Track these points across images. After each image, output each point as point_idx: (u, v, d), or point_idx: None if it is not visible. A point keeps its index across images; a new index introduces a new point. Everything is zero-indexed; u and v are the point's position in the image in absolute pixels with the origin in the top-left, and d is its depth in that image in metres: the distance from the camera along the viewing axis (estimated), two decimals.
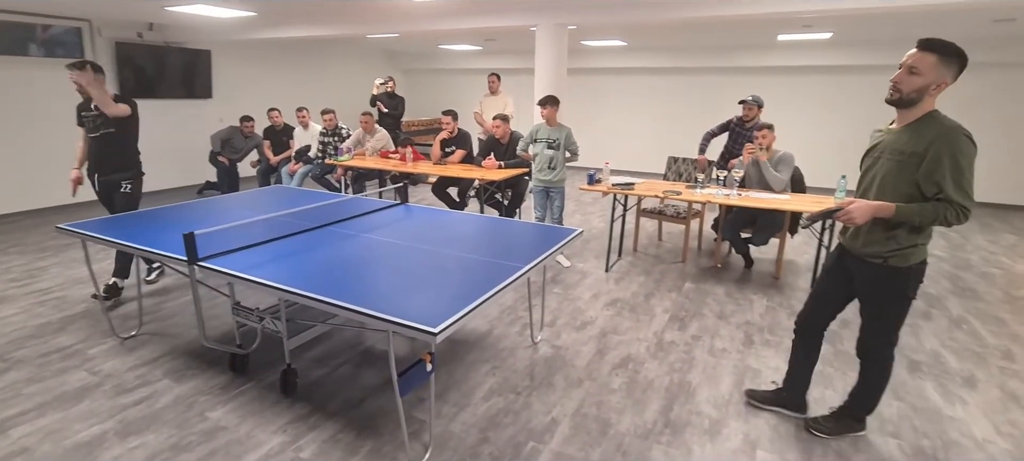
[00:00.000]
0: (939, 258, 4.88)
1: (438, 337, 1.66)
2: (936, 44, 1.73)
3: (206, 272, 2.31)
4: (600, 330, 3.29)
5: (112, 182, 3.57)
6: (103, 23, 6.18)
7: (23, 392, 2.53)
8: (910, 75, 1.76)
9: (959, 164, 1.71)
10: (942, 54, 1.72)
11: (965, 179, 1.72)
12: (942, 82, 1.74)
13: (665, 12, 4.23)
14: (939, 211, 1.74)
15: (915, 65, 1.75)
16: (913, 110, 1.82)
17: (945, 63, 1.73)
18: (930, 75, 1.73)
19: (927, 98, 1.78)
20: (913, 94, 1.77)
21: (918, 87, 1.75)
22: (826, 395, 2.63)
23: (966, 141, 1.72)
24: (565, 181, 4.39)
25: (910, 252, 1.90)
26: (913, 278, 1.95)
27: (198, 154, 7.20)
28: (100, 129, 3.47)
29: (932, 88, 1.75)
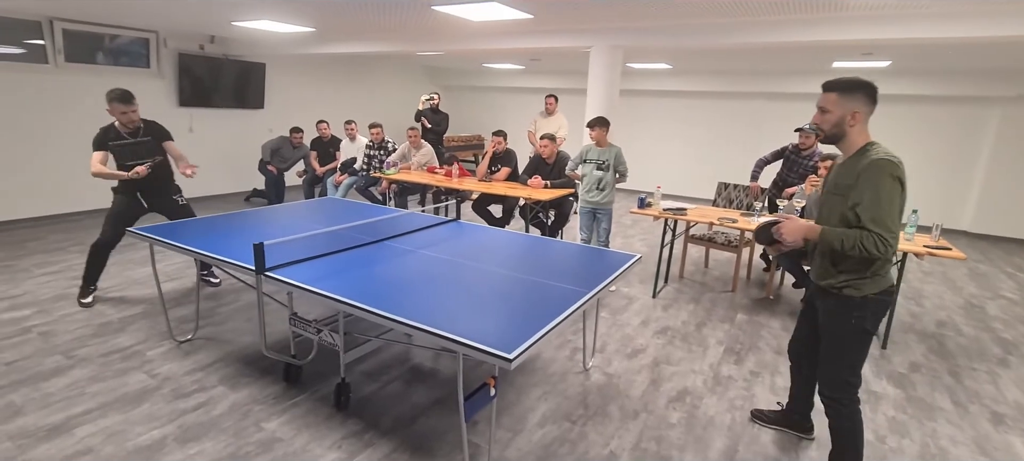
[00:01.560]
0: (1011, 301, 4.59)
1: (513, 364, 1.61)
2: (834, 83, 1.89)
3: (265, 282, 2.32)
4: (652, 359, 3.18)
5: (166, 200, 3.74)
6: (169, 34, 6.48)
7: (86, 391, 2.59)
8: (823, 114, 1.91)
9: (878, 195, 1.76)
10: (841, 91, 1.86)
11: (882, 210, 1.75)
12: (854, 112, 1.85)
13: (725, 37, 4.15)
14: (858, 238, 1.79)
15: (822, 105, 1.91)
16: (847, 144, 1.91)
17: (847, 97, 1.85)
18: (838, 110, 1.86)
19: (851, 130, 1.87)
20: (833, 129, 1.90)
21: (833, 122, 1.88)
22: (904, 444, 2.46)
23: (889, 176, 1.76)
24: (613, 203, 4.31)
25: (863, 283, 1.89)
26: (870, 310, 1.92)
27: (247, 162, 7.42)
28: (145, 157, 3.56)
29: (848, 119, 1.86)
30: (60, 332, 3.18)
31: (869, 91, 1.86)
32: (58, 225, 5.58)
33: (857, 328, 1.93)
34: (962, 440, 2.52)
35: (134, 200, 3.64)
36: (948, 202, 7.28)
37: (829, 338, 2.03)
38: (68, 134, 5.78)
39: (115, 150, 3.53)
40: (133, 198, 3.63)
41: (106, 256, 3.67)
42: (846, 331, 1.96)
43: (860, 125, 1.87)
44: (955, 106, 7.08)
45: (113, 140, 3.52)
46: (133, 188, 3.61)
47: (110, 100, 3.43)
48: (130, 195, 3.62)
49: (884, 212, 1.75)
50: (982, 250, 6.41)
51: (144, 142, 3.60)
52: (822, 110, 1.90)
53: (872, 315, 1.92)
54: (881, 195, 1.75)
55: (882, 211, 1.75)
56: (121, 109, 3.43)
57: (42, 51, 5.55)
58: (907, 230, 3.54)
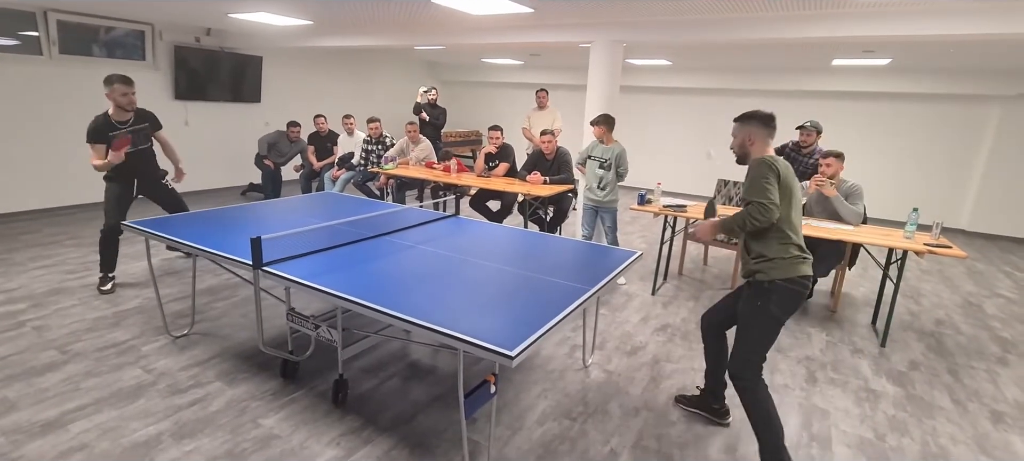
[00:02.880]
0: (1008, 300, 4.60)
1: (514, 361, 1.59)
2: (738, 116, 2.27)
3: (262, 276, 2.30)
4: (652, 356, 3.17)
5: (155, 186, 3.90)
6: (165, 27, 6.40)
7: (81, 386, 2.56)
8: (733, 138, 2.29)
9: (754, 176, 2.09)
10: (740, 121, 2.25)
11: (758, 185, 2.06)
12: (750, 136, 2.20)
13: (725, 33, 4.13)
14: (746, 211, 2.08)
15: (732, 132, 2.30)
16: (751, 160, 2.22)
17: (743, 125, 2.23)
18: (740, 135, 2.25)
19: (752, 149, 2.21)
20: (738, 151, 2.28)
21: (737, 145, 2.27)
22: (904, 443, 2.45)
23: (762, 163, 2.09)
24: (617, 202, 4.28)
25: (769, 267, 2.10)
26: (777, 295, 2.10)
27: (243, 156, 7.36)
28: (143, 143, 3.68)
29: (747, 142, 2.22)
30: (54, 327, 3.15)
31: (764, 118, 2.20)
32: (52, 218, 5.53)
33: (763, 310, 2.12)
34: (962, 438, 2.52)
35: (127, 185, 3.70)
36: (946, 200, 7.28)
37: (740, 319, 2.24)
38: (63, 127, 5.71)
39: (113, 140, 3.50)
40: (127, 185, 3.70)
41: (117, 241, 3.72)
42: (753, 312, 2.15)
43: (758, 145, 2.20)
44: (955, 104, 7.08)
45: (111, 130, 3.52)
46: (128, 176, 3.66)
47: (111, 83, 3.46)
48: (124, 183, 3.68)
49: (759, 186, 2.05)
50: (980, 248, 6.42)
51: (140, 129, 3.66)
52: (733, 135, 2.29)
53: (779, 301, 2.10)
54: (755, 175, 2.08)
55: (756, 185, 2.06)
56: (122, 90, 3.48)
57: (36, 43, 5.47)
58: (907, 228, 3.54)
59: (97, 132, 3.49)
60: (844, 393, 2.86)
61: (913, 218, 3.52)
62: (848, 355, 3.32)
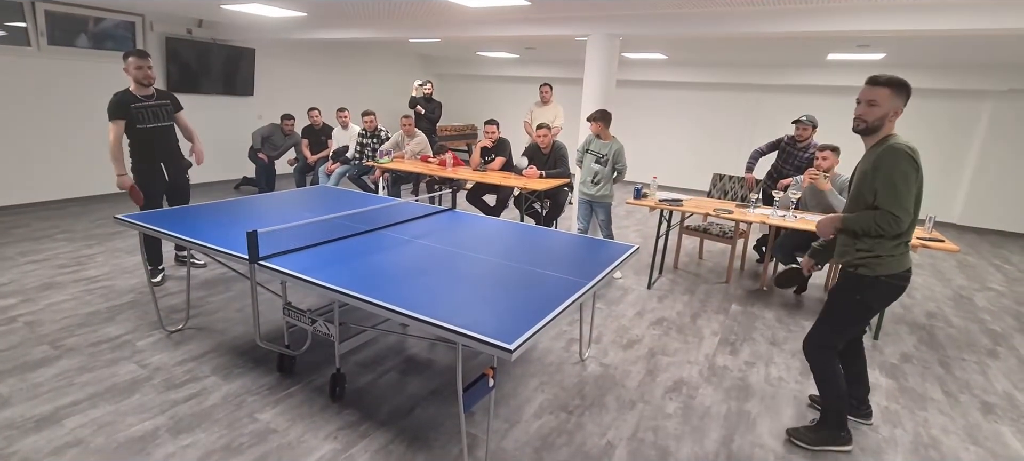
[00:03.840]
0: (999, 293, 4.65)
1: (513, 355, 1.59)
2: (889, 79, 1.97)
3: (258, 270, 2.28)
4: (648, 350, 3.19)
5: (181, 174, 3.79)
6: (156, 18, 6.32)
7: (75, 381, 2.54)
8: (871, 107, 1.98)
9: (892, 177, 1.89)
10: (894, 87, 1.96)
11: (896, 190, 1.88)
12: (897, 110, 1.97)
13: (721, 27, 4.13)
14: (873, 217, 1.93)
15: (874, 98, 1.97)
16: (875, 137, 2.02)
17: (897, 94, 1.95)
18: (887, 105, 1.96)
19: (886, 124, 1.99)
20: (877, 122, 1.98)
21: (879, 115, 1.97)
22: (896, 434, 2.48)
23: (905, 158, 1.88)
24: (611, 197, 4.28)
25: (876, 262, 2.02)
26: (879, 289, 2.06)
27: (237, 150, 7.30)
28: (165, 120, 3.63)
29: (890, 115, 1.97)
30: (46, 322, 3.12)
31: (910, 92, 1.97)
32: (42, 212, 5.46)
33: (861, 304, 2.09)
34: (953, 429, 2.55)
35: (156, 172, 3.66)
36: (938, 195, 7.35)
37: (831, 300, 2.19)
38: (52, 119, 5.64)
39: (136, 113, 3.49)
40: (155, 170, 3.65)
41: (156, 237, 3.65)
42: (849, 304, 2.11)
43: (892, 124, 2.00)
44: (947, 99, 7.13)
45: (134, 102, 3.49)
46: (154, 158, 3.62)
47: (126, 57, 3.47)
48: (151, 168, 3.63)
49: (895, 192, 1.86)
50: (971, 242, 6.49)
51: (163, 105, 3.64)
52: (871, 103, 1.97)
53: (880, 295, 2.07)
54: (894, 176, 1.87)
55: (894, 191, 1.87)
56: (136, 63, 3.47)
57: (24, 34, 5.39)
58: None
59: (119, 106, 3.45)
60: None
61: None
62: None
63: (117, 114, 3.44)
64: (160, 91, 3.67)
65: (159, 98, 3.63)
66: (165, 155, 3.68)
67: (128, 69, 3.49)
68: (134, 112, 3.49)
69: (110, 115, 3.44)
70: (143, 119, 3.53)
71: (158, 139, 3.62)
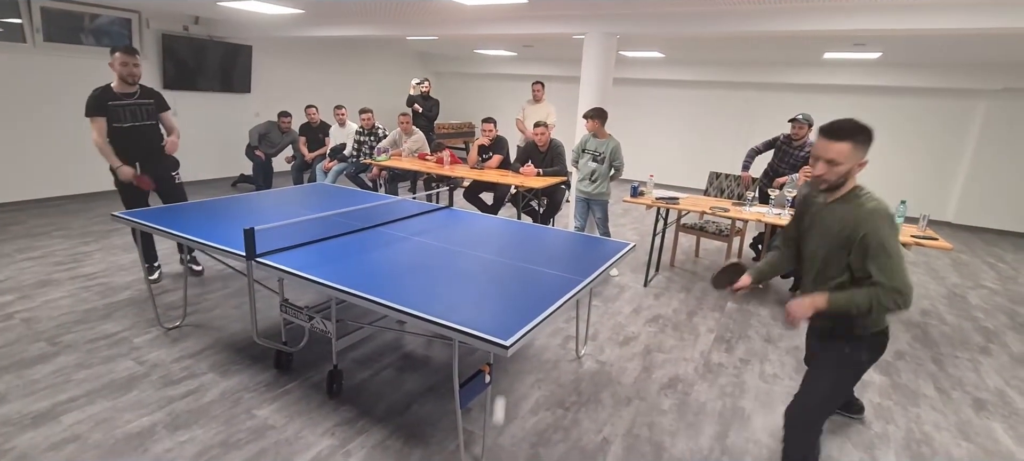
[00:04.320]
0: (992, 291, 4.69)
1: (509, 351, 1.60)
2: (850, 130, 1.68)
3: (255, 268, 2.29)
4: (644, 347, 3.21)
5: (163, 175, 3.58)
6: (152, 15, 6.30)
7: (73, 378, 2.54)
8: (832, 167, 1.70)
9: (887, 248, 1.64)
10: (855, 141, 1.68)
11: (894, 262, 1.63)
12: (861, 163, 1.73)
13: (718, 26, 4.14)
14: (874, 297, 1.65)
15: (834, 158, 1.69)
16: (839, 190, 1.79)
17: (859, 146, 1.69)
18: (850, 160, 1.69)
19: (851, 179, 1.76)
20: (840, 180, 1.74)
21: (843, 173, 1.71)
22: (889, 430, 2.51)
23: (891, 221, 1.68)
24: (607, 195, 4.29)
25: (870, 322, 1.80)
26: (868, 343, 1.84)
27: (233, 147, 7.30)
28: (143, 119, 3.46)
29: (855, 170, 1.73)
30: (43, 318, 3.12)
31: (872, 137, 1.71)
32: (39, 209, 5.45)
33: (851, 359, 1.85)
34: (945, 425, 2.58)
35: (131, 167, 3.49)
36: (933, 193, 7.39)
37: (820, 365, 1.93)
38: (48, 116, 5.62)
39: (113, 111, 3.34)
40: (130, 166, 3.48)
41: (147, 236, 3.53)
42: (842, 361, 1.86)
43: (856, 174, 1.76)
44: (942, 98, 7.16)
45: (111, 100, 3.35)
46: (129, 158, 3.44)
47: (113, 52, 3.34)
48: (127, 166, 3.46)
49: (897, 265, 1.63)
50: (964, 240, 6.53)
51: (144, 105, 3.47)
52: (832, 163, 1.69)
53: (872, 348, 1.85)
54: (890, 248, 1.63)
55: (890, 261, 1.62)
56: (122, 59, 3.32)
57: (20, 30, 5.37)
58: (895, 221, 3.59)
59: (95, 103, 3.31)
60: None
61: (901, 211, 3.58)
62: None
63: (94, 111, 3.31)
64: (145, 89, 3.53)
65: (142, 97, 3.47)
66: (142, 155, 3.50)
67: (113, 64, 3.34)
68: (111, 110, 3.34)
69: (87, 112, 3.32)
70: (120, 118, 3.38)
71: (135, 139, 3.44)
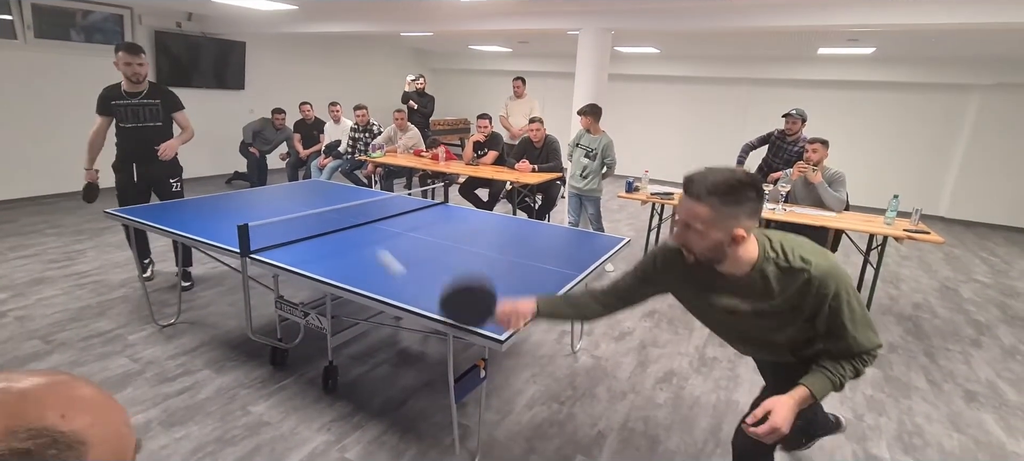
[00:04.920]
0: (983, 284, 4.73)
1: (504, 346, 1.61)
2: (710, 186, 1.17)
3: (250, 264, 2.29)
4: (639, 342, 3.22)
5: (160, 179, 3.49)
6: (144, 11, 6.26)
7: None
8: (688, 231, 1.24)
9: (851, 305, 1.29)
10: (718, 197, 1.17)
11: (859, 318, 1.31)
12: (737, 230, 1.21)
13: (713, 21, 4.15)
14: (854, 370, 1.34)
15: (689, 221, 1.22)
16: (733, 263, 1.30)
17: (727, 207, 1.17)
18: (713, 230, 1.20)
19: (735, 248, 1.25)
20: (709, 253, 1.26)
21: (710, 246, 1.23)
22: (881, 422, 2.53)
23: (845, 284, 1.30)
24: (599, 192, 4.30)
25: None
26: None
27: (228, 144, 7.25)
28: (148, 120, 3.38)
29: (728, 243, 1.23)
30: (37, 316, 3.10)
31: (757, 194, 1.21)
32: (31, 207, 5.41)
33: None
34: (937, 417, 2.61)
35: (127, 175, 3.44)
36: (926, 187, 7.44)
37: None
38: (39, 113, 5.58)
39: (117, 110, 3.30)
40: (127, 173, 3.43)
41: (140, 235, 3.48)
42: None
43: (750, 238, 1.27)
44: (935, 93, 7.20)
45: (115, 99, 3.29)
46: (128, 158, 3.39)
47: (116, 51, 3.26)
48: (126, 170, 3.42)
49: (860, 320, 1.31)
50: (957, 235, 6.58)
51: (150, 105, 3.38)
52: (688, 226, 1.24)
53: None
54: (852, 302, 1.31)
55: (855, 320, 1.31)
56: (126, 59, 3.23)
57: (10, 26, 5.32)
58: (887, 215, 3.61)
59: (101, 102, 3.29)
60: None
61: (893, 205, 3.60)
62: None
63: (99, 109, 3.30)
64: (154, 88, 3.43)
65: (148, 97, 3.37)
66: (138, 157, 3.39)
67: (118, 63, 3.26)
68: (115, 109, 3.29)
69: (96, 110, 3.32)
70: (123, 117, 3.31)
71: (136, 140, 3.36)
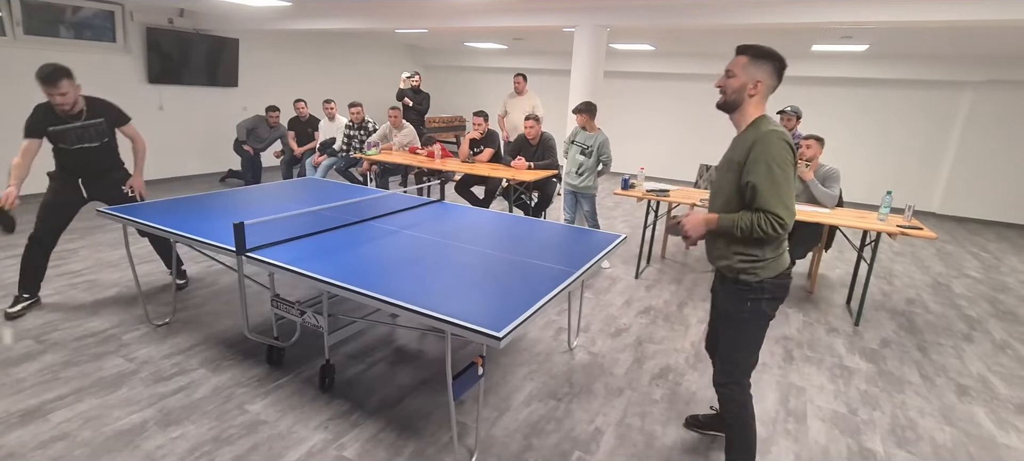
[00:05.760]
0: (975, 280, 4.78)
1: (502, 342, 1.61)
2: (748, 47, 1.80)
3: (245, 263, 2.28)
4: (636, 338, 3.23)
5: (111, 188, 3.28)
6: (136, 7, 6.19)
7: (60, 376, 2.51)
8: (727, 78, 1.81)
9: (772, 171, 1.65)
10: (752, 56, 1.78)
11: (777, 186, 1.65)
12: (757, 81, 1.76)
13: (707, 17, 4.16)
14: (753, 221, 1.69)
15: (730, 67, 1.81)
16: (741, 116, 1.82)
17: (755, 63, 1.77)
18: (743, 75, 1.77)
19: (749, 101, 1.79)
20: (733, 96, 1.80)
21: (735, 88, 1.79)
22: (875, 416, 2.55)
23: (780, 145, 1.67)
24: (594, 189, 4.31)
25: (758, 266, 1.79)
26: (767, 294, 1.81)
27: (221, 142, 7.21)
28: (95, 140, 3.14)
29: (749, 87, 1.77)
30: (29, 316, 3.08)
31: (779, 64, 1.78)
32: (22, 206, 5.33)
33: (754, 311, 1.84)
34: (929, 411, 2.63)
35: (71, 188, 3.17)
36: (919, 184, 7.50)
37: (727, 323, 1.93)
38: (28, 110, 5.50)
39: (55, 135, 3.03)
40: (71, 185, 3.17)
41: (43, 257, 3.18)
42: (744, 315, 1.85)
43: (759, 97, 1.79)
44: (929, 90, 7.26)
45: (53, 124, 3.01)
46: (72, 173, 3.15)
47: (37, 80, 2.91)
48: (67, 182, 3.16)
49: (776, 188, 1.65)
50: (949, 231, 6.64)
51: (94, 125, 3.12)
52: (728, 73, 1.82)
53: (769, 299, 1.83)
54: (774, 172, 1.65)
55: (774, 187, 1.65)
56: (46, 91, 2.90)
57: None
58: (881, 211, 3.64)
59: (31, 125, 2.98)
60: (819, 370, 2.96)
61: (887, 201, 3.63)
62: (824, 334, 3.42)
63: (30, 133, 2.99)
64: (95, 106, 3.15)
65: (89, 117, 3.11)
66: (87, 172, 3.19)
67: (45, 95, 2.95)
68: (54, 135, 3.04)
69: (25, 133, 3.00)
70: (66, 140, 3.08)
71: (80, 159, 3.14)
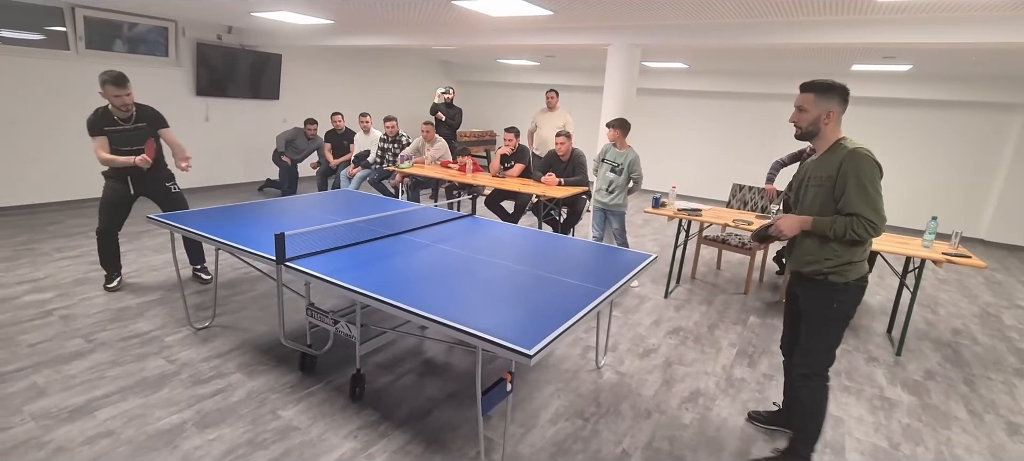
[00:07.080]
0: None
1: (533, 360, 1.62)
2: (812, 84, 2.01)
3: (285, 271, 2.35)
4: (665, 359, 3.18)
5: (157, 187, 3.68)
6: (188, 24, 6.53)
7: (107, 375, 2.63)
8: (800, 113, 2.03)
9: (862, 181, 1.88)
10: (818, 92, 1.99)
11: (869, 195, 1.87)
12: (829, 112, 1.98)
13: (743, 38, 4.12)
14: (848, 224, 1.91)
15: (800, 104, 2.03)
16: (822, 140, 2.03)
17: (823, 97, 1.98)
18: (813, 109, 1.99)
19: (826, 128, 2.00)
20: (810, 128, 2.02)
21: (810, 121, 2.01)
22: (918, 452, 2.44)
23: (867, 161, 1.89)
24: (624, 207, 4.29)
25: (847, 268, 2.00)
26: (851, 295, 2.04)
27: (261, 153, 7.48)
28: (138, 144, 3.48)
29: (823, 118, 1.98)
30: (80, 316, 3.24)
31: (843, 93, 1.99)
32: (77, 210, 5.66)
33: (839, 313, 2.06)
34: (977, 449, 2.50)
35: (123, 186, 3.58)
36: (965, 209, 7.18)
37: (811, 321, 2.13)
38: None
39: (110, 136, 3.45)
40: (123, 184, 3.58)
41: (113, 241, 3.68)
42: (829, 316, 2.07)
43: (834, 123, 1.99)
44: (976, 112, 6.98)
45: (108, 125, 3.44)
46: (123, 174, 3.54)
47: (102, 83, 3.32)
48: (120, 181, 3.57)
49: (867, 196, 1.87)
50: (998, 259, 6.33)
51: (139, 128, 3.51)
52: (800, 109, 2.03)
53: (852, 301, 2.05)
54: (863, 181, 1.87)
55: (866, 195, 1.87)
56: (114, 92, 3.32)
57: (63, 38, 5.61)
58: (925, 237, 3.51)
59: (94, 124, 3.43)
60: (858, 401, 2.85)
61: (932, 227, 3.49)
62: (863, 363, 3.30)
63: (94, 132, 3.42)
64: (141, 111, 3.54)
65: (138, 121, 3.51)
66: (133, 173, 3.55)
67: (105, 95, 3.33)
68: (109, 135, 3.44)
69: (90, 132, 3.43)
70: (117, 142, 3.46)
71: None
